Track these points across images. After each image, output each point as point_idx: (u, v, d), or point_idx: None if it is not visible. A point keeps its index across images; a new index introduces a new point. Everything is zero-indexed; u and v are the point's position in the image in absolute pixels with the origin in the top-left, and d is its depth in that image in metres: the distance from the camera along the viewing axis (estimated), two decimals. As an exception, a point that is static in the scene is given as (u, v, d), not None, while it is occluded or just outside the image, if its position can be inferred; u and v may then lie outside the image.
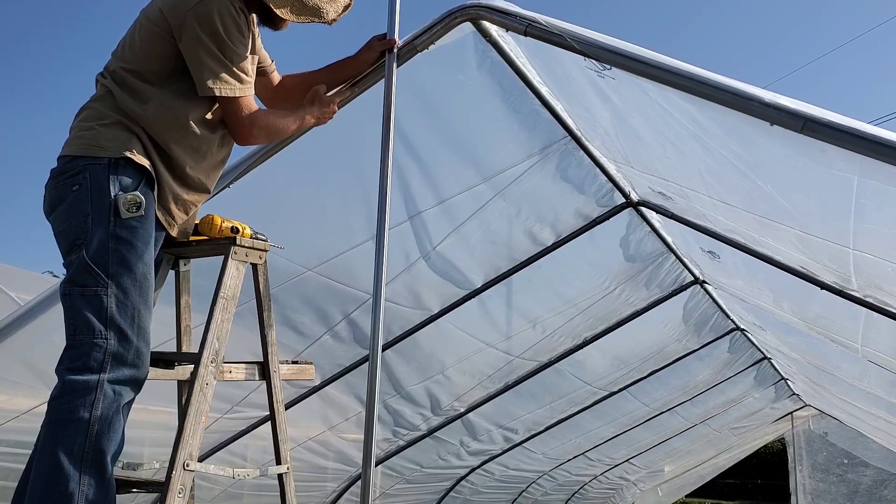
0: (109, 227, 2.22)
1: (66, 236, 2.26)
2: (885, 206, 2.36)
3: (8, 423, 3.41)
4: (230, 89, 2.40)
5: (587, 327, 5.40)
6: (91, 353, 2.15)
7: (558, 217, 4.16)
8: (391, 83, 2.73)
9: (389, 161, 2.68)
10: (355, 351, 4.38)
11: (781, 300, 4.51)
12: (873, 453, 11.64)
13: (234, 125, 2.48)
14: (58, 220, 2.30)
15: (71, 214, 2.25)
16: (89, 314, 2.17)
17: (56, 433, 2.12)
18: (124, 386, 2.20)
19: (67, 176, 2.29)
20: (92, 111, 2.39)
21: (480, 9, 2.69)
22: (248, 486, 5.05)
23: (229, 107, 2.45)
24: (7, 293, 4.30)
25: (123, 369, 2.19)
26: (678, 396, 7.63)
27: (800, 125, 1.90)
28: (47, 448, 2.11)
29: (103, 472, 2.13)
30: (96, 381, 2.14)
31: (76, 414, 2.11)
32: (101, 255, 2.21)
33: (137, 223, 2.26)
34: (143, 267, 2.27)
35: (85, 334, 2.17)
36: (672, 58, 2.18)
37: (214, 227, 2.54)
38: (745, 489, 19.04)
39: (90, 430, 2.11)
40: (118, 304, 2.20)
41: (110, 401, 2.15)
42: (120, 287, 2.21)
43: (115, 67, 2.42)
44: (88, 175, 2.26)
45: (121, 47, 2.46)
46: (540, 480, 8.62)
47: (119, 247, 2.23)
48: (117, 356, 2.18)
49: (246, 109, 2.47)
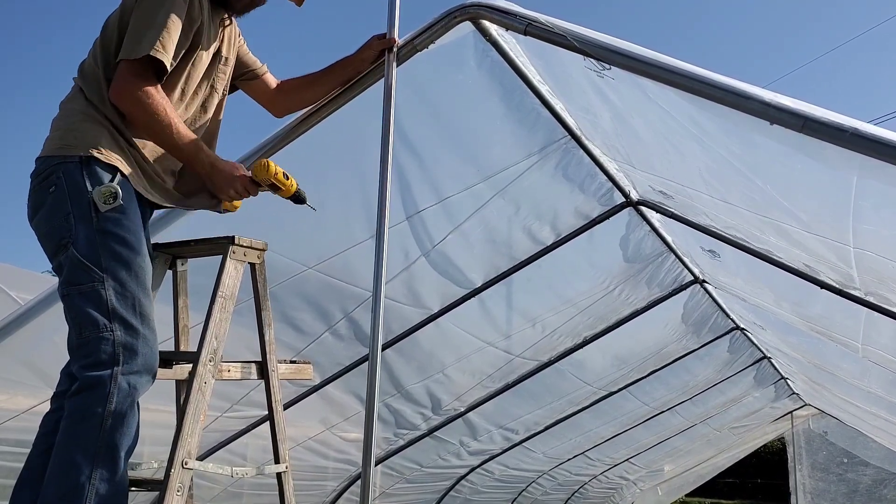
0: (93, 223, 2.23)
1: (51, 238, 2.27)
2: (885, 206, 2.36)
3: (8, 422, 3.41)
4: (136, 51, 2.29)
5: (587, 327, 5.40)
6: (101, 348, 2.16)
7: (558, 216, 4.16)
8: (391, 82, 2.73)
9: (389, 160, 2.68)
10: (355, 349, 4.38)
11: (782, 299, 4.50)
12: (873, 452, 11.65)
13: (115, 79, 2.31)
14: (40, 225, 2.30)
15: (52, 216, 2.26)
16: (91, 310, 2.18)
17: (71, 429, 2.13)
18: (138, 376, 2.21)
19: (43, 178, 2.29)
20: (63, 111, 2.40)
21: (480, 8, 2.68)
22: (248, 486, 5.05)
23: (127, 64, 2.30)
24: (7, 293, 4.30)
25: (136, 358, 2.20)
26: (678, 396, 7.63)
27: (800, 125, 1.89)
28: (62, 443, 2.12)
29: (116, 467, 2.14)
30: (110, 375, 2.15)
31: (91, 409, 2.12)
32: (92, 250, 2.21)
33: (119, 213, 2.26)
34: (136, 255, 2.28)
35: (91, 330, 2.17)
36: (672, 57, 2.18)
37: (270, 171, 2.52)
38: (745, 488, 19.04)
39: (104, 425, 2.12)
40: (117, 296, 2.21)
41: (125, 395, 2.16)
42: (116, 279, 2.22)
43: (86, 64, 2.43)
44: (62, 174, 2.26)
45: (93, 46, 2.47)
46: (540, 480, 8.62)
47: (107, 240, 2.23)
48: (127, 346, 2.19)
49: (136, 75, 2.29)
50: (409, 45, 2.81)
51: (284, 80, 2.90)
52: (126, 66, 2.30)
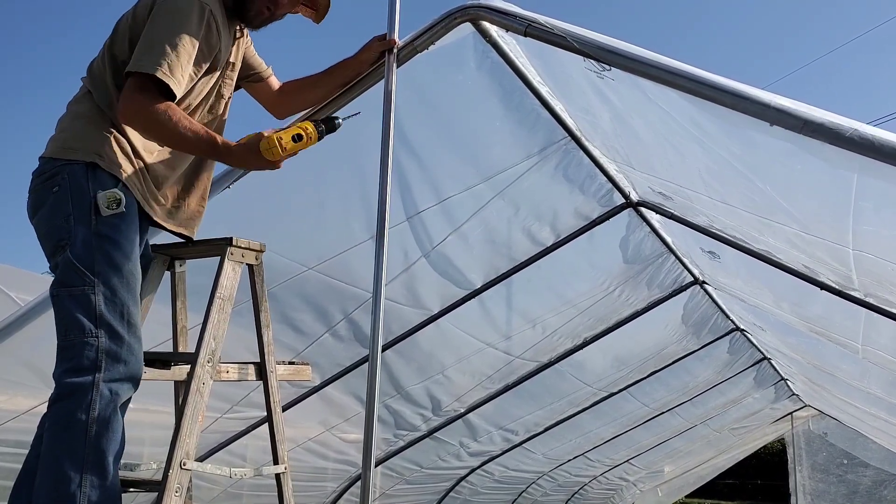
0: (92, 226, 2.23)
1: (50, 238, 2.27)
2: (885, 207, 2.36)
3: (8, 423, 3.41)
4: (145, 66, 2.25)
5: (587, 327, 5.40)
6: (83, 353, 2.15)
7: (558, 217, 4.16)
8: (391, 83, 2.73)
9: (389, 161, 2.68)
10: (355, 350, 4.37)
11: (781, 300, 4.50)
12: (873, 454, 11.64)
13: (124, 97, 2.26)
14: (40, 224, 2.30)
15: (53, 216, 2.26)
16: (78, 314, 2.18)
17: (56, 437, 2.12)
18: (120, 384, 2.20)
19: (46, 177, 2.29)
20: (70, 112, 2.40)
21: (480, 9, 2.68)
22: (248, 487, 5.04)
23: (135, 80, 2.26)
24: (7, 293, 4.29)
25: (118, 366, 2.19)
26: (678, 397, 7.63)
27: (799, 125, 1.89)
28: (49, 453, 2.12)
29: (105, 473, 2.13)
30: (91, 382, 2.14)
31: (74, 416, 2.11)
32: (86, 254, 2.21)
33: (119, 220, 2.26)
34: (129, 263, 2.27)
35: (76, 334, 2.17)
36: (672, 58, 2.18)
37: (279, 150, 2.38)
38: (745, 489, 19.03)
39: (89, 432, 2.11)
40: (106, 302, 2.20)
41: (107, 401, 2.15)
42: (107, 285, 2.21)
43: (95, 66, 2.42)
44: (67, 175, 2.26)
45: (101, 50, 2.46)
46: (540, 481, 8.62)
47: (103, 244, 2.23)
48: (110, 353, 2.18)
49: (143, 91, 2.24)
50: (410, 47, 2.80)
51: (286, 83, 2.90)
52: (135, 81, 2.26)
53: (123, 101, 2.27)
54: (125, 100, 2.26)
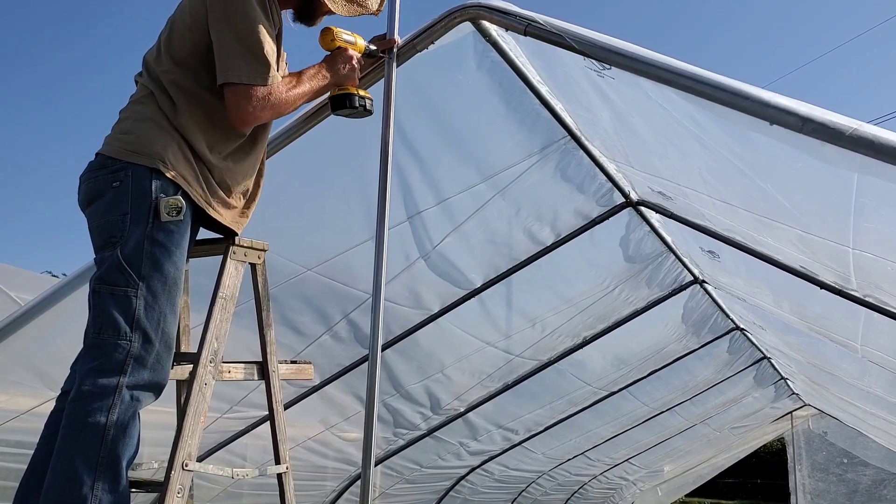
0: (147, 229, 2.21)
1: (102, 232, 2.24)
2: (885, 206, 2.36)
3: (8, 423, 3.41)
4: (241, 75, 2.31)
5: (587, 327, 5.40)
6: (113, 354, 2.14)
7: (558, 217, 4.16)
8: (391, 83, 2.73)
9: (389, 161, 2.68)
10: (355, 350, 4.38)
11: (781, 300, 4.50)
12: (873, 453, 11.64)
13: (232, 109, 2.33)
14: (95, 215, 2.28)
15: (109, 211, 2.24)
16: (117, 314, 2.16)
17: (72, 436, 2.10)
18: (142, 391, 2.19)
19: (110, 171, 2.27)
20: (132, 112, 2.37)
21: (480, 8, 2.68)
22: (248, 486, 5.05)
23: (238, 91, 2.32)
24: (7, 293, 4.29)
25: (143, 373, 2.18)
26: (678, 396, 7.63)
27: (800, 125, 1.89)
28: (63, 451, 2.10)
29: (118, 478, 2.12)
30: (115, 385, 2.12)
31: (93, 418, 2.09)
32: (136, 255, 2.19)
33: (175, 227, 2.25)
34: (175, 272, 2.26)
35: (110, 334, 2.15)
36: (672, 57, 2.18)
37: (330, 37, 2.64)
38: (745, 488, 19.04)
39: (106, 435, 2.09)
40: (146, 307, 2.19)
41: (127, 405, 2.14)
42: (150, 290, 2.20)
43: (153, 68, 2.40)
44: (130, 174, 2.24)
45: (156, 48, 2.44)
46: (540, 480, 8.62)
47: (154, 249, 2.21)
48: (138, 359, 2.17)
49: (247, 98, 2.32)
50: (409, 46, 2.81)
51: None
52: (236, 92, 2.30)
53: (234, 114, 2.32)
54: (235, 112, 2.32)
